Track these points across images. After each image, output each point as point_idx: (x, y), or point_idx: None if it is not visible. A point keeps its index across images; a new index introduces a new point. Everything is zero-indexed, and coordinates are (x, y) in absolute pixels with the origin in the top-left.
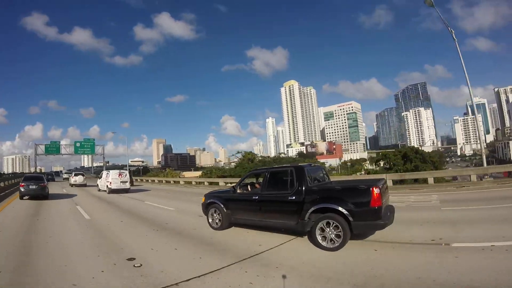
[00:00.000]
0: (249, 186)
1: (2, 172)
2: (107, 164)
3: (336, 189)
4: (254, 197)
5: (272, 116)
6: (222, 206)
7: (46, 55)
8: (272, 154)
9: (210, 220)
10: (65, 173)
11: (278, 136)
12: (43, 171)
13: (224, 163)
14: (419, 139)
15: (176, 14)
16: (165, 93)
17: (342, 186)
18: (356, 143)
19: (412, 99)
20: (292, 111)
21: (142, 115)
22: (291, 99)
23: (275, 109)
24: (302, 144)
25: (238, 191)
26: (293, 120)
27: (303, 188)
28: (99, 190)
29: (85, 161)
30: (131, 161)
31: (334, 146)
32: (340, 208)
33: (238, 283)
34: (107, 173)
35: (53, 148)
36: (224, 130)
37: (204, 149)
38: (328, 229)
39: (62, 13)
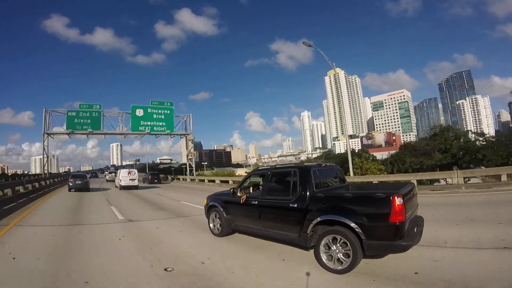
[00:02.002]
0: (251, 188)
1: (32, 173)
2: (137, 163)
3: (346, 197)
4: (253, 202)
5: (298, 111)
6: (222, 210)
7: (69, 57)
8: (309, 149)
9: (211, 225)
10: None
11: (314, 130)
12: (71, 170)
13: (257, 160)
14: (477, 129)
15: (197, 9)
16: (188, 91)
17: (354, 193)
18: (409, 135)
19: (457, 88)
20: (338, 102)
21: None
22: (336, 88)
23: (301, 104)
24: (351, 136)
25: (239, 193)
26: (339, 111)
27: (307, 193)
28: (116, 186)
29: (115, 159)
30: (159, 159)
31: (393, 137)
32: (348, 222)
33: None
34: (120, 172)
35: (84, 121)
36: (249, 127)
37: (232, 146)
38: (334, 246)
39: (82, 14)
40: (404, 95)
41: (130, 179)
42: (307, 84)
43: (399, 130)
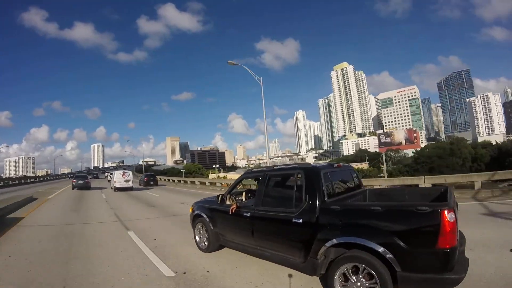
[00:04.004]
0: (244, 195)
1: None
2: (122, 164)
3: (373, 211)
4: (245, 214)
5: (281, 112)
6: (209, 221)
7: (47, 54)
8: (303, 150)
9: (197, 238)
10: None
11: (307, 130)
12: (49, 173)
13: (247, 162)
14: (488, 127)
15: (181, 4)
16: (171, 91)
17: (385, 206)
18: (421, 133)
19: (456, 87)
20: (346, 98)
21: (148, 115)
22: (344, 84)
23: (284, 106)
24: (360, 135)
25: (228, 201)
26: (347, 108)
27: (317, 204)
28: (111, 188)
29: (96, 161)
30: (142, 161)
31: (415, 134)
32: (377, 247)
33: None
34: (114, 173)
35: None
36: (231, 128)
37: (217, 148)
38: (355, 277)
39: (61, 6)
40: (415, 92)
41: (124, 181)
42: (293, 84)
43: (410, 128)
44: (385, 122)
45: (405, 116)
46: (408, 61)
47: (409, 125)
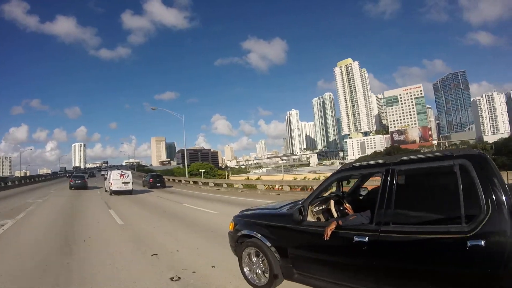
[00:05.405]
0: (332, 205)
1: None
2: (105, 165)
3: None
4: (358, 238)
5: (265, 114)
6: (270, 246)
7: (27, 48)
8: (297, 150)
9: (246, 270)
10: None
11: (300, 130)
12: (28, 174)
13: (237, 162)
14: (493, 126)
15: None
16: (154, 90)
17: None
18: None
19: (452, 88)
20: (351, 95)
21: (130, 114)
22: (348, 80)
23: (268, 107)
24: (365, 133)
25: (311, 217)
26: (352, 105)
27: (509, 210)
28: (106, 191)
29: (77, 161)
30: (125, 162)
31: (429, 132)
32: None
33: None
34: (110, 174)
35: None
36: (215, 129)
37: (204, 148)
38: None
39: None
40: (420, 90)
41: (122, 183)
42: (279, 86)
43: (415, 127)
44: (390, 121)
45: (411, 115)
46: (393, 64)
47: (415, 123)
